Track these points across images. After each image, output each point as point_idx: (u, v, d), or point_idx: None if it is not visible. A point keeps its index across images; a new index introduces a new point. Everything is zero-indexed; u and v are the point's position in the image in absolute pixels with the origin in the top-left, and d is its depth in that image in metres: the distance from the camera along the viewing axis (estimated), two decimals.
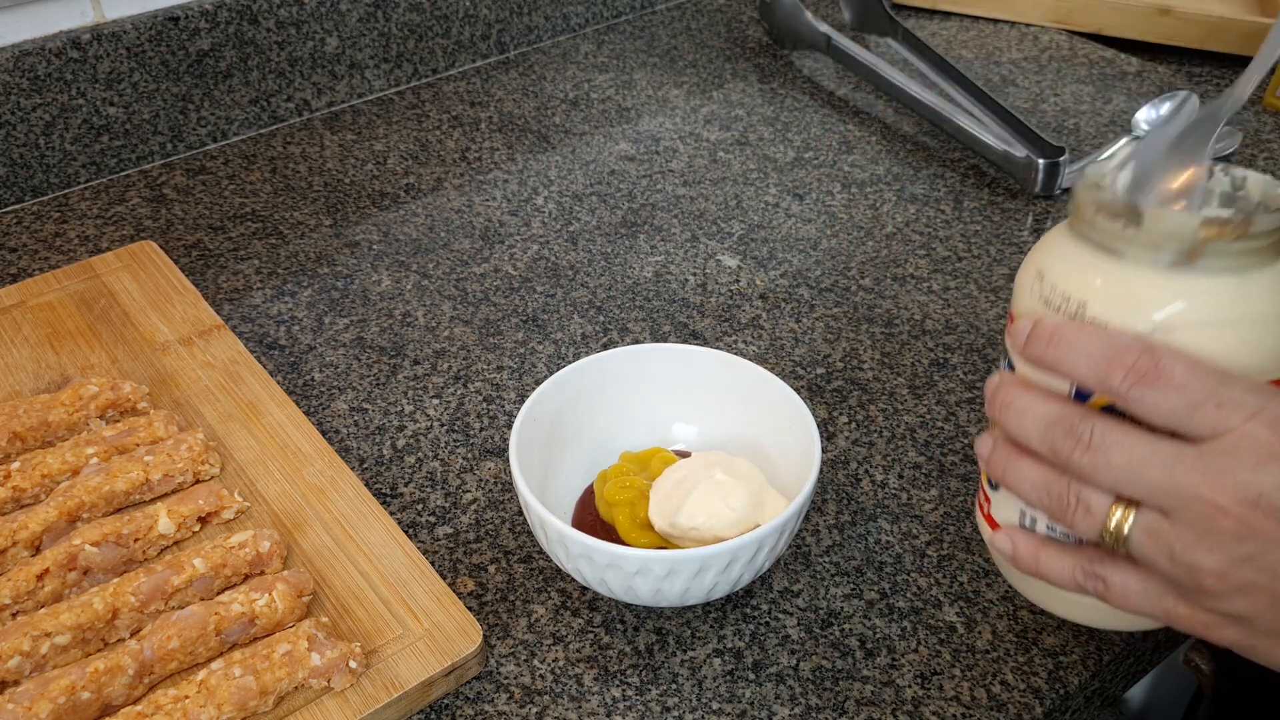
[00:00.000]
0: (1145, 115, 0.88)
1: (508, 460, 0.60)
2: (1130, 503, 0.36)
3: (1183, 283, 0.37)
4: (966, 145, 0.86)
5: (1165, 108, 0.89)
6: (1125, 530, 0.36)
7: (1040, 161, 0.80)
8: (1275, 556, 0.33)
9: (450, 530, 0.57)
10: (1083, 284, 0.39)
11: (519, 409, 0.53)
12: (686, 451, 0.57)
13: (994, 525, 0.45)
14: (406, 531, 0.56)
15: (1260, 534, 0.33)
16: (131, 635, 0.49)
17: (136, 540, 0.52)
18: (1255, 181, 0.40)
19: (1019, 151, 0.81)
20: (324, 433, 0.62)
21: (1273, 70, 0.46)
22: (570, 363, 0.56)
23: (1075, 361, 0.36)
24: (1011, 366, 0.42)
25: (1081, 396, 0.39)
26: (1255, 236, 0.36)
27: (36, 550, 0.52)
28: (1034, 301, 0.40)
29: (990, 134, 0.84)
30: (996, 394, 0.39)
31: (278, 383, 0.64)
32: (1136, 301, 0.37)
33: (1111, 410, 0.37)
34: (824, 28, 0.97)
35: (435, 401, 0.64)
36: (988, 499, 0.46)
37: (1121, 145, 0.40)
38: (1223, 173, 0.41)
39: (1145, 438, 0.35)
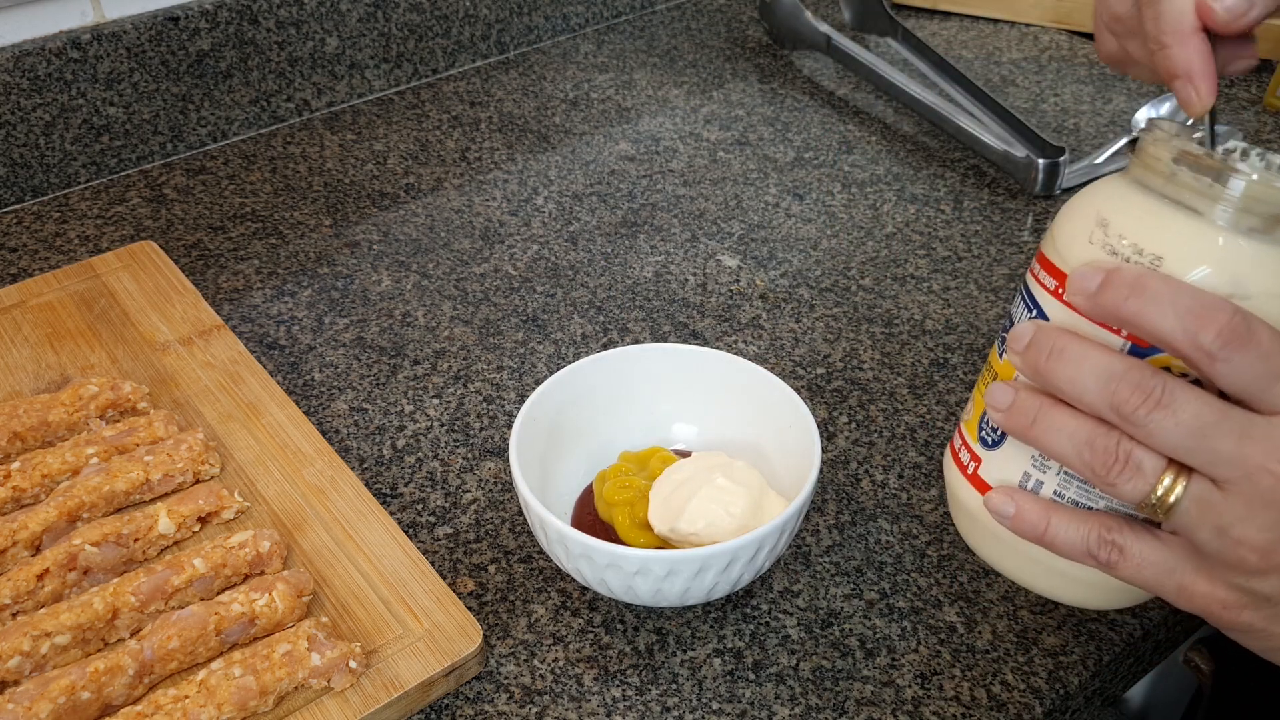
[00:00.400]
0: (1145, 115, 0.88)
1: (508, 460, 0.60)
2: (1182, 469, 0.34)
3: (1261, 249, 0.36)
4: (966, 145, 0.86)
5: (1165, 107, 0.89)
6: (1173, 498, 0.34)
7: (1040, 161, 0.80)
8: None
9: (450, 530, 0.57)
10: (1158, 238, 0.36)
11: (519, 409, 0.53)
12: (686, 451, 0.57)
13: (981, 487, 0.43)
14: (406, 531, 0.56)
15: None
16: (131, 635, 0.49)
17: (136, 540, 0.52)
18: None
19: (1019, 151, 0.81)
20: (324, 433, 0.62)
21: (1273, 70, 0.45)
22: (570, 363, 0.56)
23: (1161, 314, 0.33)
24: (1044, 317, 0.39)
25: (1137, 355, 0.36)
26: None
27: (36, 550, 0.52)
28: (1094, 250, 0.38)
29: (990, 134, 0.84)
30: (1038, 339, 0.36)
31: (278, 383, 0.64)
32: (1217, 262, 0.35)
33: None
34: (824, 28, 0.97)
35: (435, 401, 0.64)
36: (976, 458, 0.43)
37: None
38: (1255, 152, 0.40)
39: (1217, 402, 0.33)
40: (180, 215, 0.81)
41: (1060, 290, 0.39)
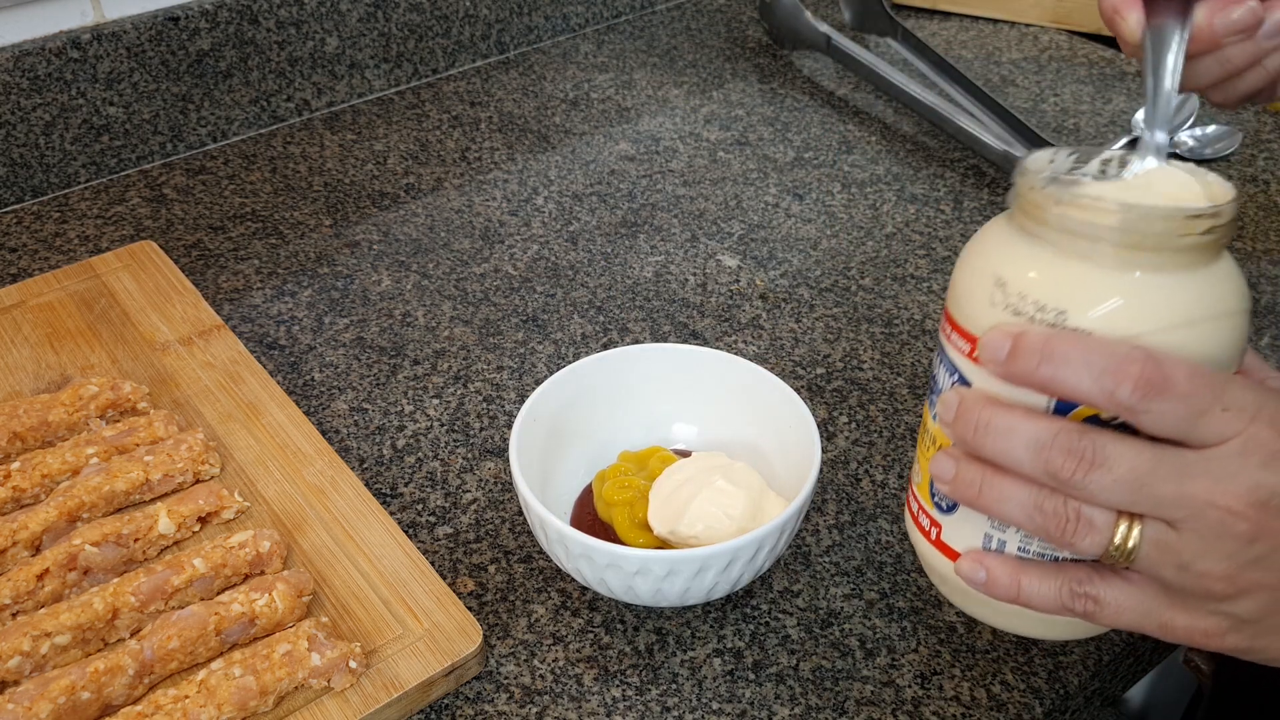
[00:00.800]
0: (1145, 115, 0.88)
1: (508, 460, 0.60)
2: (1134, 516, 0.35)
3: (1157, 281, 0.35)
4: (966, 145, 0.86)
5: None
6: (1131, 544, 0.34)
7: None
8: None
9: (450, 530, 0.57)
10: (1055, 291, 0.36)
11: (519, 409, 0.53)
12: (686, 451, 0.57)
13: (949, 553, 0.42)
14: (406, 531, 0.56)
15: (1270, 534, 0.32)
16: (131, 635, 0.49)
17: (136, 540, 0.52)
18: (1186, 168, 0.38)
19: (1019, 151, 0.81)
20: (324, 433, 0.62)
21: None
22: (570, 363, 0.56)
23: (1075, 377, 0.33)
24: (965, 381, 0.39)
25: (1060, 411, 0.36)
26: (1223, 226, 0.35)
27: (36, 550, 0.52)
28: (998, 312, 0.37)
29: (990, 134, 0.84)
30: (963, 413, 0.36)
31: (278, 383, 0.64)
32: (1118, 305, 0.35)
33: (1096, 422, 0.35)
34: (824, 28, 0.97)
35: (435, 401, 0.64)
36: (935, 524, 0.42)
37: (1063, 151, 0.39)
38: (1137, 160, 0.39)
39: (1149, 449, 0.34)
40: (180, 215, 0.81)
41: (974, 354, 0.38)
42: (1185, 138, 0.87)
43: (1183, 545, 0.34)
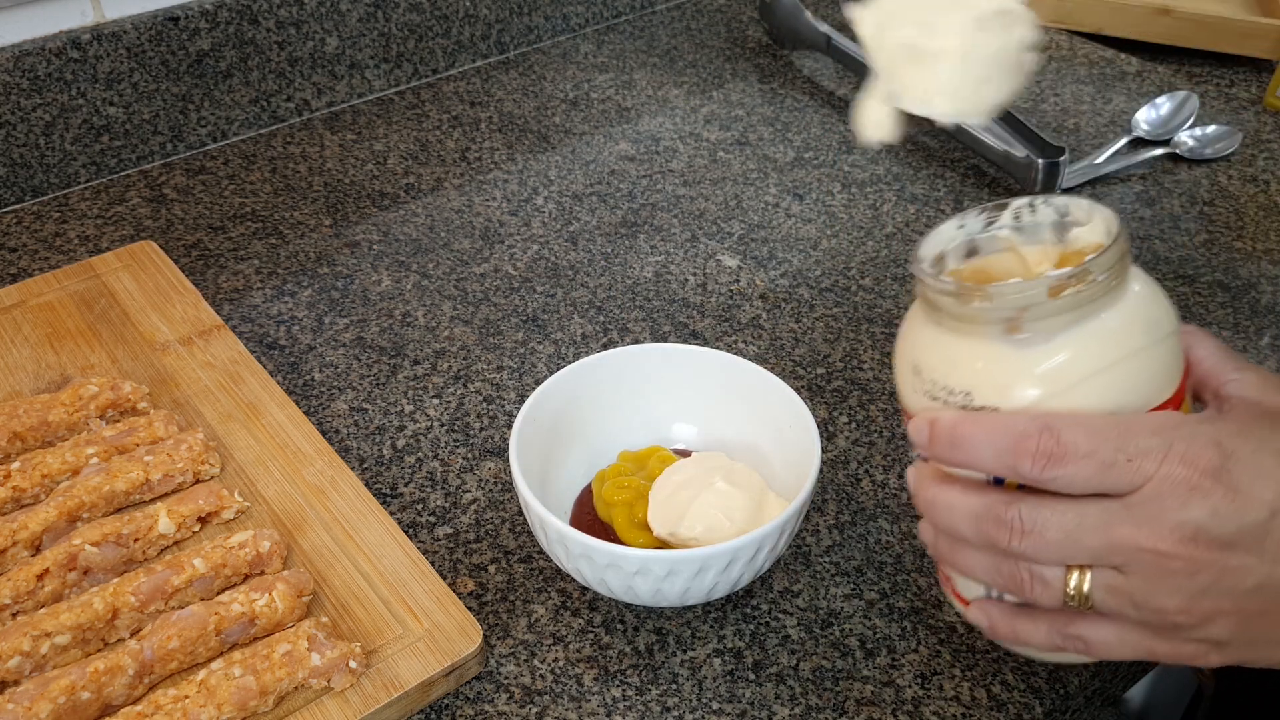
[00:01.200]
0: (1145, 115, 0.88)
1: (508, 460, 0.60)
2: (1081, 566, 0.36)
3: (1047, 348, 0.36)
4: (967, 145, 0.86)
5: (1165, 108, 0.89)
6: (1086, 591, 0.36)
7: (1040, 161, 0.80)
8: (1229, 580, 0.33)
9: (450, 530, 0.57)
10: (960, 373, 0.38)
11: (519, 409, 0.53)
12: (686, 451, 0.57)
13: (963, 601, 0.43)
14: (406, 531, 0.56)
15: (1208, 565, 0.33)
16: (131, 635, 0.49)
17: (136, 540, 0.52)
18: (1077, 208, 0.39)
19: (1019, 151, 0.81)
20: (324, 433, 0.62)
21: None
22: (570, 363, 0.56)
23: (981, 456, 0.36)
24: (924, 457, 0.41)
25: (1001, 478, 0.38)
26: (1098, 281, 0.35)
27: (36, 550, 0.52)
28: (919, 398, 0.39)
29: (990, 134, 0.84)
30: (918, 491, 0.39)
31: (278, 383, 0.64)
32: (1015, 379, 0.36)
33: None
34: (824, 28, 0.97)
35: (435, 401, 0.64)
36: (946, 576, 0.44)
37: (949, 225, 0.40)
38: (1043, 205, 0.40)
39: (1072, 507, 0.35)
40: (180, 215, 0.81)
41: None
42: (1185, 138, 0.87)
43: (1132, 587, 0.35)
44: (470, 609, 0.51)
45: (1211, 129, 0.88)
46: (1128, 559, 0.34)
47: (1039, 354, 0.36)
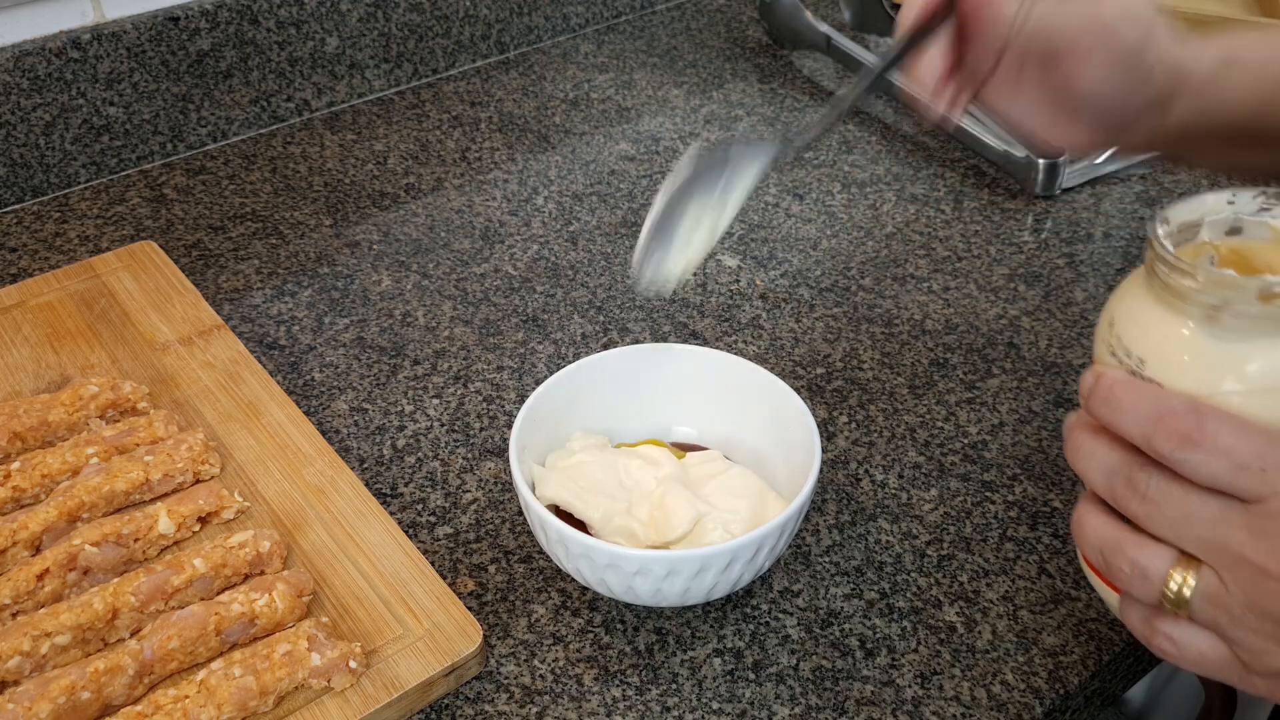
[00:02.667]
0: None
1: (508, 460, 0.60)
2: (1190, 565, 0.36)
3: (1235, 348, 0.36)
4: (967, 145, 0.86)
5: None
6: (1187, 594, 0.36)
7: (1040, 162, 0.80)
8: None
9: (450, 530, 0.57)
10: (1143, 340, 0.38)
11: (519, 409, 0.53)
12: (691, 445, 0.57)
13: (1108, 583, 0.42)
14: (406, 531, 0.56)
15: None
16: (131, 635, 0.49)
17: (136, 540, 0.52)
18: None
19: (1019, 152, 0.81)
20: (324, 433, 0.62)
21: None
22: (570, 363, 0.56)
23: (1125, 420, 0.36)
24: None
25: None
26: None
27: (36, 550, 0.52)
28: (1104, 350, 0.40)
29: (990, 134, 0.84)
30: (1069, 435, 0.39)
31: (278, 383, 0.64)
32: (1189, 365, 0.36)
33: None
34: (824, 28, 0.97)
35: (435, 401, 0.64)
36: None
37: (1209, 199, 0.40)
38: (1263, 199, 0.39)
39: (1196, 492, 0.35)
40: (180, 215, 0.81)
41: None
42: None
43: (1230, 600, 0.35)
44: (470, 609, 0.51)
45: None
46: (1232, 566, 0.34)
47: (1225, 351, 0.36)
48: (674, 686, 0.49)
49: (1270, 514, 0.33)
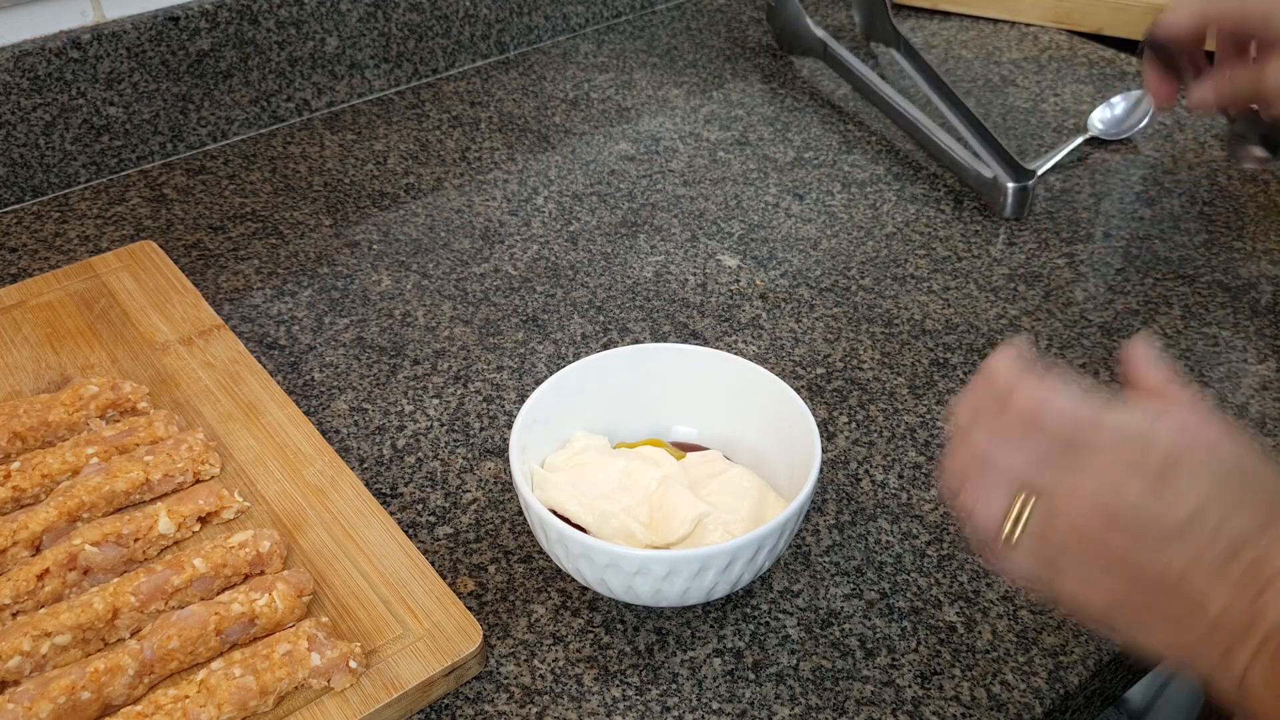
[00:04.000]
0: (1099, 115, 0.89)
1: (507, 460, 0.60)
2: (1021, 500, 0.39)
3: None
4: (945, 164, 0.85)
5: (1120, 107, 0.89)
6: (1024, 518, 0.39)
7: (1010, 185, 0.78)
8: (1136, 555, 0.37)
9: (450, 530, 0.57)
10: None
11: (519, 409, 0.53)
12: (692, 445, 0.57)
13: None
14: (406, 531, 0.56)
15: (1112, 543, 0.37)
16: (132, 635, 0.49)
17: (137, 540, 0.52)
18: None
19: (988, 171, 0.80)
20: (324, 433, 0.62)
21: None
22: (570, 363, 0.56)
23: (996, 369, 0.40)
24: None
25: None
26: None
27: (36, 550, 0.52)
28: None
29: (967, 153, 0.82)
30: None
31: (278, 383, 0.64)
32: None
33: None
34: (820, 33, 0.97)
35: (435, 401, 0.64)
36: None
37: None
38: None
39: (1044, 437, 0.39)
40: (180, 215, 0.81)
41: None
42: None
43: (1053, 526, 0.38)
44: (470, 609, 0.51)
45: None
46: (1054, 498, 0.38)
47: None
48: (674, 686, 0.49)
49: (1102, 462, 0.37)
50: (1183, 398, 0.41)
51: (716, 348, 0.60)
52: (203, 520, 0.54)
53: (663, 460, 0.53)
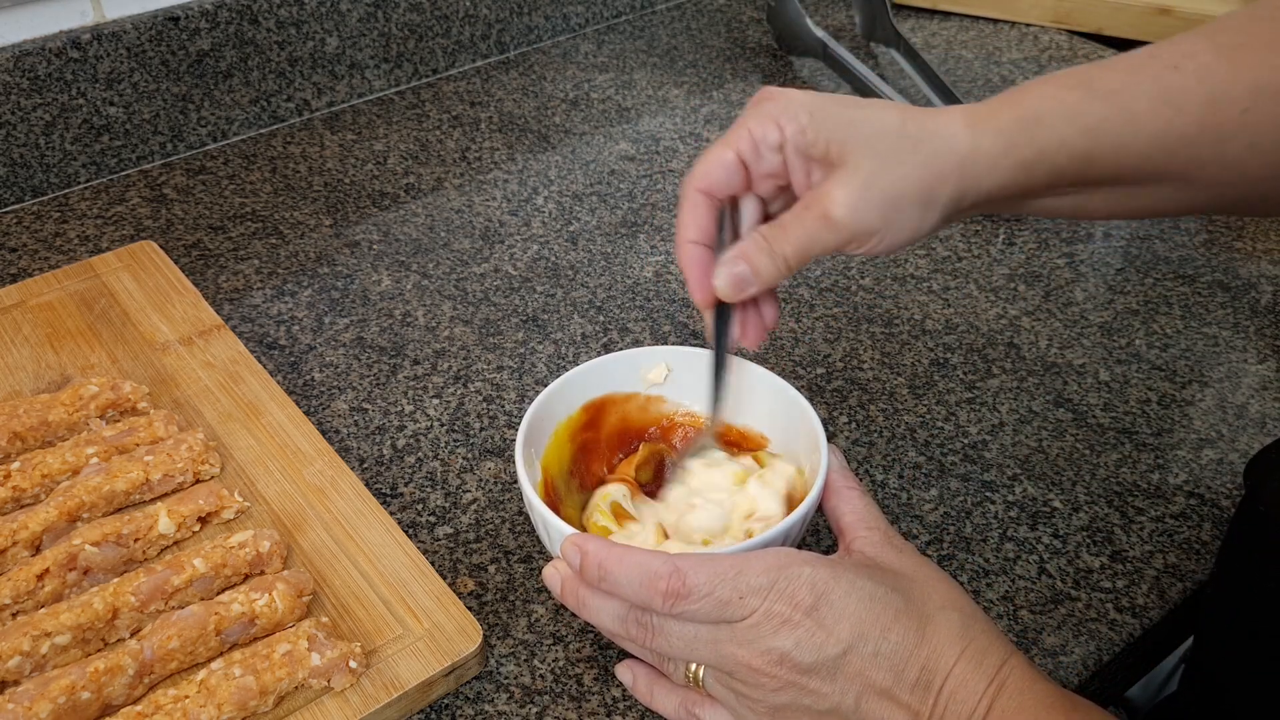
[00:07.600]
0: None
1: (507, 460, 0.60)
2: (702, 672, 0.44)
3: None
4: None
5: None
6: (701, 678, 0.44)
7: None
8: (806, 699, 0.41)
9: (450, 530, 0.57)
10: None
11: (519, 409, 0.54)
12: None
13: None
14: (406, 531, 0.56)
15: (790, 684, 0.41)
16: (131, 635, 0.49)
17: (136, 540, 0.52)
18: None
19: None
20: (324, 433, 0.62)
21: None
22: (570, 363, 0.56)
23: (623, 590, 0.42)
24: None
25: None
26: None
27: (36, 550, 0.52)
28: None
29: None
30: (567, 594, 0.44)
31: (278, 383, 0.64)
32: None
33: None
34: (820, 33, 0.97)
35: (435, 401, 0.64)
36: None
37: None
38: None
39: (693, 626, 0.42)
40: (180, 215, 0.81)
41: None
42: None
43: (734, 687, 0.42)
44: (470, 609, 0.51)
45: None
46: (734, 669, 0.41)
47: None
48: None
49: (753, 626, 0.41)
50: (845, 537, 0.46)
51: None
52: (203, 520, 0.54)
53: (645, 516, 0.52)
